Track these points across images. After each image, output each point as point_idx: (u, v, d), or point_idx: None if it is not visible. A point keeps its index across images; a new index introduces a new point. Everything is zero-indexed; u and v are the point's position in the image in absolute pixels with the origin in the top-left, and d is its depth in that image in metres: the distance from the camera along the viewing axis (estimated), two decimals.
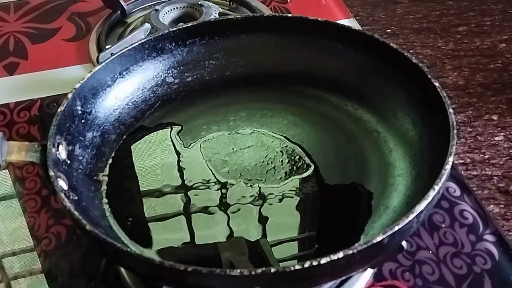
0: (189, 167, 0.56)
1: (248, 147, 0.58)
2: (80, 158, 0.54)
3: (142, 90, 0.62)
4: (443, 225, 0.56)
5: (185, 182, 0.54)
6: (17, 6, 0.88)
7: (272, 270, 0.38)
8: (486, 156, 1.42)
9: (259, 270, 0.39)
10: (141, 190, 0.54)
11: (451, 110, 0.49)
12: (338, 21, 0.64)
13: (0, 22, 0.85)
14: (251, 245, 0.49)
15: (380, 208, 0.51)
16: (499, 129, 1.49)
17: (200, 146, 0.58)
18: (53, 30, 0.84)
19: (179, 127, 0.60)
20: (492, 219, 0.56)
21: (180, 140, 0.59)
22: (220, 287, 0.41)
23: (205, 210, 0.52)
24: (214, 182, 0.54)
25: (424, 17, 1.88)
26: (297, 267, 0.38)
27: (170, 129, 0.60)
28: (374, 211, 0.51)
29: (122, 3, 0.81)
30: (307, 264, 0.38)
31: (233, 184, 0.54)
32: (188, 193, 0.54)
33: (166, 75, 0.63)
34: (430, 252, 0.54)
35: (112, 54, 0.59)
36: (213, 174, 0.55)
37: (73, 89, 0.54)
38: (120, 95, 0.60)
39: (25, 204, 0.60)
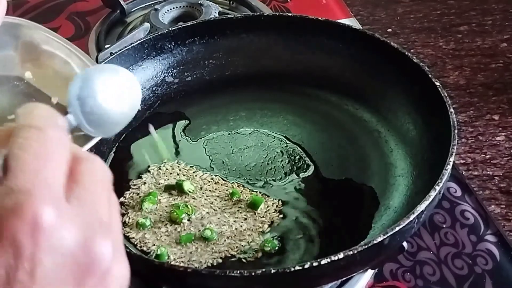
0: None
1: (248, 147, 0.58)
2: None
3: (142, 90, 0.61)
4: (444, 226, 0.56)
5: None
6: (16, 5, 0.88)
7: (272, 270, 0.38)
8: (487, 156, 1.42)
9: (259, 271, 0.38)
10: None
11: (452, 110, 0.49)
12: (338, 21, 0.64)
13: None
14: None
15: (380, 208, 0.51)
16: (500, 129, 1.49)
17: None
18: (52, 30, 0.83)
19: (179, 127, 0.60)
20: (493, 220, 0.56)
21: (180, 139, 0.59)
22: (220, 287, 0.41)
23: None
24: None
25: (425, 16, 1.88)
26: (297, 267, 0.38)
27: (170, 129, 0.60)
28: (375, 211, 0.50)
29: (122, 2, 0.81)
30: (307, 265, 0.38)
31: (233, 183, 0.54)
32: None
33: (166, 74, 0.63)
34: (431, 252, 0.54)
35: (111, 54, 0.59)
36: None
37: None
38: None
39: None
